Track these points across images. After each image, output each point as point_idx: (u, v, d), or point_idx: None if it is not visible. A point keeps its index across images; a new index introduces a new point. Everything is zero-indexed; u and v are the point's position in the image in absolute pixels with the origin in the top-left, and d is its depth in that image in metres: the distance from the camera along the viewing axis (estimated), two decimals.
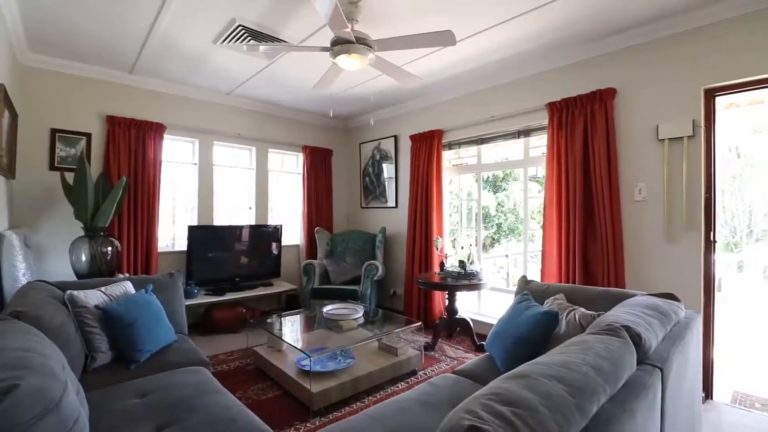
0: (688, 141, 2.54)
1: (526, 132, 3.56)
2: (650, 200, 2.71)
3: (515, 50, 3.11)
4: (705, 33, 2.50)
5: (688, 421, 1.72)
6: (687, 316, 1.92)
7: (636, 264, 2.76)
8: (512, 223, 8.21)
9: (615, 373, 1.15)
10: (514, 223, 8.12)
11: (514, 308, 2.12)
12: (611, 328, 1.40)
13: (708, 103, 2.54)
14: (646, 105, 2.73)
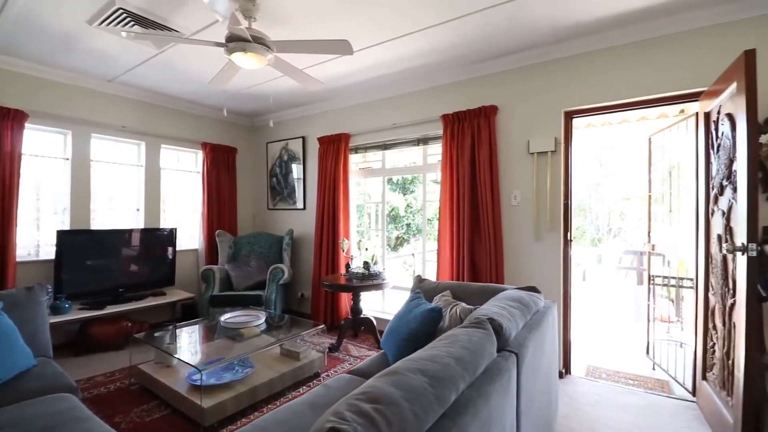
0: (552, 155, 2.98)
1: (425, 140, 3.82)
2: (523, 205, 3.11)
3: (413, 64, 3.31)
4: (566, 63, 2.95)
5: (545, 395, 2.03)
6: (545, 305, 2.26)
7: (513, 261, 3.15)
8: (420, 223, 8.70)
9: (475, 362, 1.32)
10: (421, 223, 8.63)
11: (406, 306, 2.27)
12: (477, 321, 1.60)
13: (567, 124, 3.01)
14: (521, 122, 3.14)
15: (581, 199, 11.49)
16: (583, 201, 11.51)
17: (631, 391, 2.78)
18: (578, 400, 2.64)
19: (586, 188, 11.21)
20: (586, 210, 11.49)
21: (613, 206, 10.29)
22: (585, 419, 2.40)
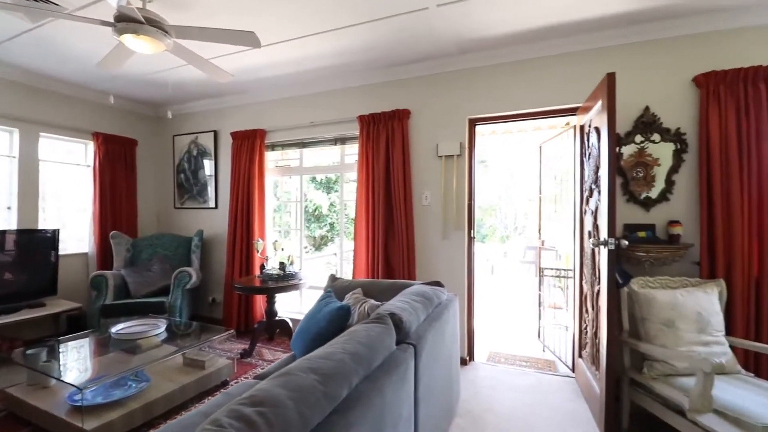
0: (457, 159, 3.20)
1: (343, 140, 3.83)
2: (433, 205, 3.29)
3: (329, 62, 3.30)
4: (470, 74, 3.18)
5: (446, 381, 2.17)
6: (448, 298, 2.42)
7: (424, 257, 3.31)
8: (345, 224, 8.72)
9: (370, 356, 1.37)
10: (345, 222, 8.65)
11: (317, 305, 2.25)
12: (378, 317, 1.65)
13: (471, 130, 3.25)
14: (430, 126, 3.31)
15: (493, 201, 12.51)
16: (494, 203, 12.53)
17: (524, 372, 3.10)
18: (479, 384, 2.87)
19: (497, 191, 12.23)
20: (496, 210, 12.54)
21: (518, 207, 11.36)
22: (483, 401, 2.61)
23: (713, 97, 2.42)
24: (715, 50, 2.50)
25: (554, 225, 3.87)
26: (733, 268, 2.33)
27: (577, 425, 2.31)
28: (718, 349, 2.07)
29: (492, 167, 12.09)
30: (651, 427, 2.24)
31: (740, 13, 2.43)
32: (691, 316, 2.12)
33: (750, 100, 2.34)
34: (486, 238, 12.33)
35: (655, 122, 2.59)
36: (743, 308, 2.31)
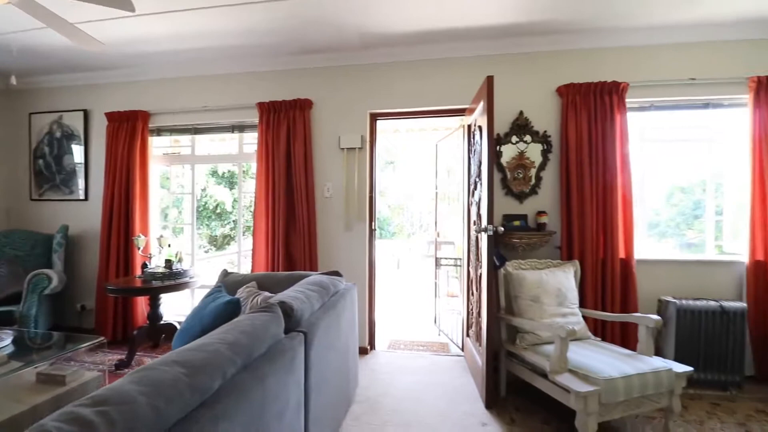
0: (359, 152, 3.24)
1: (241, 128, 3.61)
2: (335, 197, 3.29)
3: (226, 43, 3.08)
4: (373, 69, 3.25)
5: (342, 369, 2.18)
6: (346, 287, 2.44)
7: (326, 250, 3.29)
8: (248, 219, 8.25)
9: (252, 345, 1.30)
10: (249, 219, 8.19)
11: (202, 301, 2.08)
12: (266, 306, 1.58)
13: (372, 124, 3.32)
14: (333, 118, 3.30)
15: (401, 200, 13.02)
16: (402, 202, 13.06)
17: (420, 356, 3.28)
18: (378, 371, 2.95)
19: (405, 191, 12.76)
20: (404, 209, 13.09)
21: (423, 205, 12.01)
22: (381, 385, 2.69)
23: (571, 105, 2.84)
24: (574, 66, 2.94)
25: (451, 219, 4.17)
26: (585, 251, 2.77)
27: (463, 397, 2.52)
28: (573, 319, 2.43)
29: (400, 168, 12.57)
30: (524, 393, 2.54)
31: (594, 36, 2.89)
32: (552, 292, 2.46)
33: (598, 108, 2.80)
34: (394, 235, 12.79)
35: (528, 125, 2.95)
36: (593, 284, 2.76)
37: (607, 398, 1.85)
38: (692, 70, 2.81)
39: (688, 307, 2.57)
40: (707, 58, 2.81)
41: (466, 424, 2.22)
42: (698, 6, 2.52)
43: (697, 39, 2.81)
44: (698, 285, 2.80)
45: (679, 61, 2.84)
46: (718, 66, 2.79)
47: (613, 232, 2.75)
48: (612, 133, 2.78)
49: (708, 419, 2.26)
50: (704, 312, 2.54)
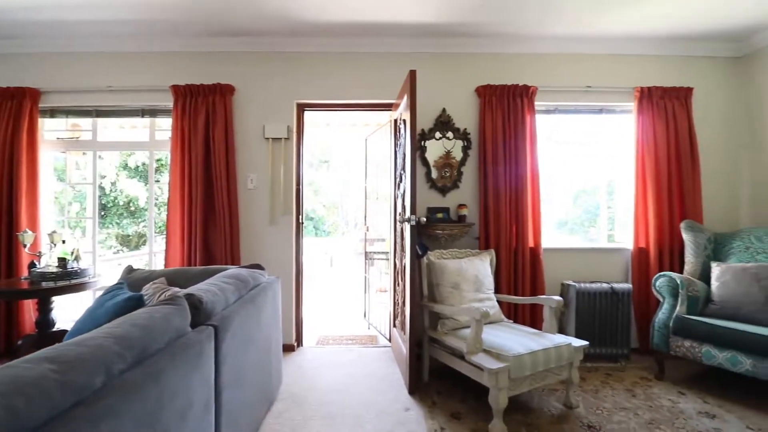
0: (285, 142, 3.14)
1: (152, 112, 3.30)
2: (259, 189, 3.15)
3: (132, 16, 2.79)
4: (300, 58, 3.16)
5: (262, 366, 2.08)
6: (268, 281, 2.34)
7: (250, 244, 3.14)
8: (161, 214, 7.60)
9: (147, 339, 1.18)
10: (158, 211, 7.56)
11: (97, 301, 1.86)
12: (169, 298, 1.46)
13: (299, 115, 3.23)
14: (257, 106, 3.16)
15: (335, 198, 12.94)
16: (337, 200, 12.98)
17: (349, 349, 3.27)
18: (305, 366, 2.88)
19: (340, 189, 12.70)
20: (338, 208, 13.02)
21: (358, 203, 12.06)
22: (307, 381, 2.63)
23: (488, 105, 3.03)
24: (491, 68, 3.14)
25: (381, 215, 4.21)
26: (500, 241, 2.97)
27: (389, 386, 2.56)
28: (489, 303, 2.59)
29: (335, 167, 12.49)
30: (446, 377, 2.65)
31: (510, 42, 3.11)
32: (471, 279, 2.60)
33: (511, 109, 3.03)
34: (329, 234, 12.67)
35: (450, 122, 3.09)
36: (507, 271, 2.97)
37: (516, 373, 2.00)
38: (589, 79, 3.15)
39: (585, 289, 2.88)
40: (601, 69, 3.18)
41: (391, 410, 2.26)
42: (596, 22, 2.83)
43: (594, 51, 3.16)
44: (594, 270, 3.15)
45: (579, 69, 3.17)
46: (609, 76, 3.17)
47: (523, 223, 2.98)
48: (523, 133, 3.01)
49: (602, 387, 2.54)
50: (598, 293, 2.87)
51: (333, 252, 9.18)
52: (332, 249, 9.42)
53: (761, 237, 2.67)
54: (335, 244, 9.98)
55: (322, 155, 12.53)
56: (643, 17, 2.77)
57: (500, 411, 1.99)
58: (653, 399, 2.38)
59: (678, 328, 2.48)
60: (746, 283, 2.44)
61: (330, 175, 12.83)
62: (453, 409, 2.26)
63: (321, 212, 12.97)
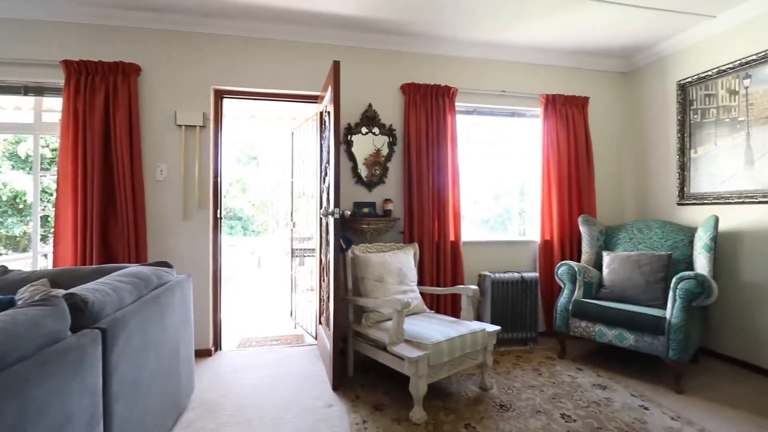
0: (201, 130, 2.91)
1: (38, 89, 2.85)
2: (170, 181, 2.88)
3: None
4: (217, 41, 2.95)
5: (168, 372, 1.89)
6: (177, 280, 2.14)
7: (159, 240, 2.86)
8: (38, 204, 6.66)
9: (5, 346, 1.00)
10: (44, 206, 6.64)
11: None
12: (43, 299, 1.26)
13: (217, 102, 3.02)
14: (168, 90, 2.89)
15: (265, 196, 12.42)
16: (266, 198, 12.47)
17: (273, 350, 3.13)
18: (222, 371, 2.70)
19: (270, 188, 12.23)
20: (268, 207, 12.52)
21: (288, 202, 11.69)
22: (223, 386, 2.46)
23: (412, 103, 3.11)
24: (416, 67, 3.23)
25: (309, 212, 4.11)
26: (424, 235, 3.07)
27: (313, 384, 2.49)
28: (412, 295, 2.65)
29: (264, 163, 11.99)
30: (370, 370, 2.66)
31: (434, 43, 3.22)
32: (395, 272, 2.64)
33: (434, 109, 3.14)
34: (258, 234, 12.13)
35: (376, 118, 3.11)
36: (430, 263, 3.07)
37: (435, 360, 2.07)
38: (504, 84, 3.39)
39: (500, 279, 3.09)
40: (514, 75, 3.43)
41: (313, 408, 2.20)
42: (509, 32, 3.05)
43: (508, 58, 3.41)
44: (508, 261, 3.40)
45: (496, 75, 3.39)
46: (521, 83, 3.44)
47: (445, 218, 3.11)
48: (445, 132, 3.14)
49: (513, 369, 2.74)
50: (510, 282, 3.10)
51: (262, 252, 8.81)
52: (261, 249, 9.04)
53: (642, 229, 3.08)
54: (264, 244, 9.59)
55: (250, 151, 11.96)
56: (546, 31, 3.04)
57: (420, 398, 2.04)
58: (556, 376, 2.62)
59: (576, 311, 2.76)
60: (630, 269, 2.80)
61: (259, 172, 12.29)
62: (376, 401, 2.27)
63: (250, 211, 12.37)
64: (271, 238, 11.24)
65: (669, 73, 3.27)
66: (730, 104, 2.80)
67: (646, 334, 2.43)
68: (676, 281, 2.39)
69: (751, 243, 2.68)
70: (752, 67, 2.66)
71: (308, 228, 4.41)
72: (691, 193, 3.07)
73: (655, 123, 3.42)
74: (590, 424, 2.03)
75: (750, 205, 2.68)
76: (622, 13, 2.77)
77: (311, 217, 3.96)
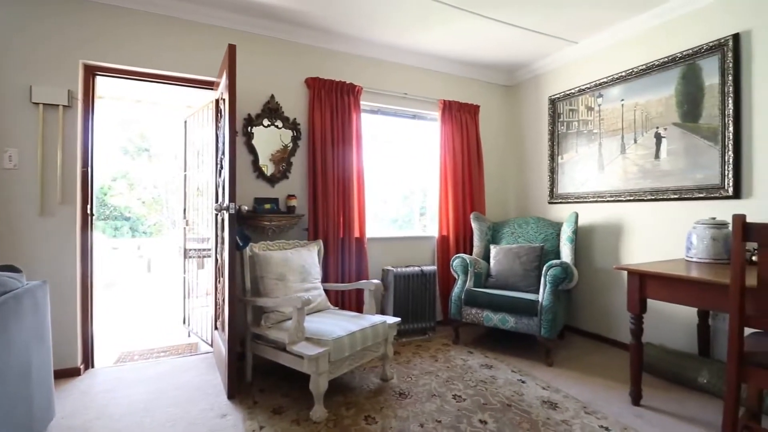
0: (65, 111, 2.48)
1: None
2: (24, 169, 2.40)
3: None
4: (86, 8, 2.54)
5: (13, 398, 1.57)
6: (28, 287, 1.79)
7: (7, 240, 2.36)
8: None
9: None
10: None
11: None
12: None
13: (88, 79, 2.61)
14: (20, 59, 2.40)
15: (159, 193, 11.15)
16: (160, 196, 11.21)
17: (160, 362, 2.81)
18: (93, 391, 2.33)
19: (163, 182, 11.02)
20: (162, 205, 11.27)
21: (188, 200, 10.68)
22: (94, 409, 2.13)
23: (317, 98, 3.08)
24: (321, 62, 3.20)
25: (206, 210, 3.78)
26: (329, 232, 3.05)
27: (204, 394, 2.30)
28: (315, 293, 2.62)
29: (157, 155, 10.77)
30: (271, 374, 2.55)
31: (340, 40, 3.21)
32: (297, 269, 2.57)
33: (339, 105, 3.15)
34: (151, 235, 10.85)
35: (279, 110, 3.01)
36: (335, 260, 3.07)
37: (336, 355, 2.07)
38: (406, 87, 3.55)
39: (402, 273, 3.22)
40: (416, 79, 3.62)
41: (204, 420, 2.03)
42: (408, 35, 3.19)
43: (411, 63, 3.58)
44: (410, 256, 3.57)
45: (399, 77, 3.54)
46: (421, 87, 3.64)
47: (350, 214, 3.14)
48: (350, 129, 3.17)
49: (413, 358, 2.88)
50: (411, 275, 3.26)
51: (154, 255, 7.90)
52: (153, 252, 8.10)
53: (521, 224, 3.49)
54: (158, 247, 8.61)
55: (140, 141, 10.66)
56: (441, 39, 3.25)
57: (321, 396, 2.02)
58: (450, 361, 2.82)
59: (468, 299, 3.02)
60: (511, 260, 3.16)
61: (152, 166, 11.01)
62: (275, 405, 2.19)
63: (140, 210, 11.02)
64: (166, 239, 10.13)
65: (543, 89, 3.77)
66: (588, 118, 3.33)
67: (523, 316, 2.76)
68: (546, 269, 2.77)
69: (602, 235, 3.22)
70: (604, 88, 3.20)
71: (209, 228, 4.06)
72: (559, 193, 3.59)
73: (532, 132, 3.91)
74: (477, 401, 2.23)
75: (601, 203, 3.23)
76: (504, 31, 3.10)
77: (211, 215, 3.66)
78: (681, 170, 2.69)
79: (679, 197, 2.68)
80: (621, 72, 3.03)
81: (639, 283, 2.14)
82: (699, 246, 2.24)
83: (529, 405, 2.19)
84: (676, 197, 2.69)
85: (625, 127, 3.04)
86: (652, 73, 2.84)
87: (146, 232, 10.88)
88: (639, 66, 2.91)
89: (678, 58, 2.67)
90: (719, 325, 2.49)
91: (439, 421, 2.02)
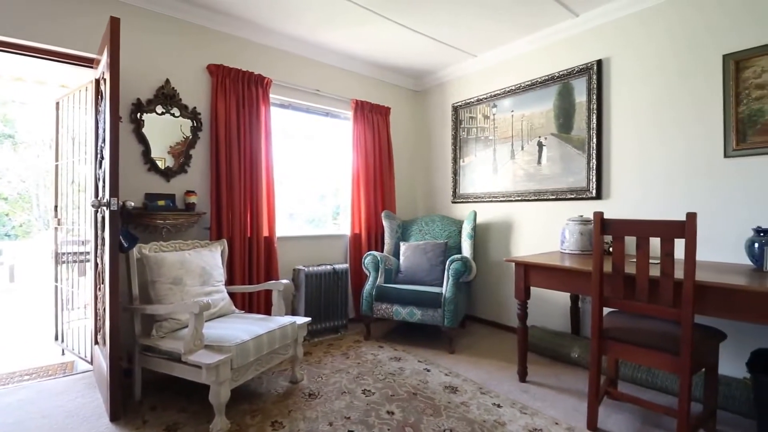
0: None
1: None
2: None
3: None
4: None
5: None
6: None
7: None
8: None
9: None
10: None
11: None
12: None
13: None
14: None
15: (27, 188, 9.42)
16: (29, 191, 9.47)
17: (21, 387, 2.36)
18: None
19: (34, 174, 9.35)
20: (33, 204, 9.52)
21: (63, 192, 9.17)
22: None
23: (221, 86, 2.87)
24: (226, 48, 2.99)
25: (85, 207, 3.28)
26: (234, 231, 2.88)
27: (81, 420, 1.99)
28: (218, 296, 2.44)
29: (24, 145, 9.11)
30: (164, 389, 2.32)
31: (247, 27, 3.03)
32: (196, 272, 2.37)
33: (246, 96, 2.98)
34: (18, 237, 9.11)
35: (176, 96, 2.74)
36: (241, 261, 2.90)
37: (240, 361, 1.95)
38: (319, 83, 3.51)
39: (313, 272, 3.18)
40: (329, 77, 3.60)
41: None
42: (320, 32, 3.15)
43: (324, 60, 3.54)
44: (322, 254, 3.54)
45: (312, 72, 3.48)
46: (334, 84, 3.63)
47: (258, 212, 3.00)
48: (258, 123, 3.03)
49: (324, 357, 2.86)
50: (323, 274, 3.23)
51: (20, 261, 6.65)
52: (20, 257, 6.80)
53: (428, 222, 3.70)
54: (26, 251, 7.22)
55: (2, 126, 8.94)
56: (353, 38, 3.28)
57: (222, 406, 1.89)
58: (361, 356, 2.87)
59: (378, 295, 3.10)
60: (419, 256, 3.32)
61: (17, 156, 9.29)
62: (169, 422, 1.99)
63: (1, 207, 9.25)
64: (36, 243, 8.54)
65: (447, 96, 4.04)
66: (484, 126, 3.66)
67: (429, 309, 2.93)
68: (449, 263, 2.97)
69: (495, 232, 3.57)
70: (498, 99, 3.54)
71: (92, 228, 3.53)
72: (461, 194, 3.88)
73: (438, 135, 4.16)
74: (386, 393, 2.31)
75: (495, 203, 3.57)
76: (413, 38, 3.24)
77: (85, 208, 3.17)
78: (557, 174, 3.10)
79: (556, 198, 3.09)
80: (511, 86, 3.39)
81: (524, 272, 2.41)
82: (570, 240, 2.61)
83: (433, 392, 2.33)
84: (553, 198, 3.10)
85: (514, 135, 3.41)
86: (536, 89, 3.23)
87: (10, 234, 9.13)
88: (526, 81, 3.28)
89: (556, 77, 3.08)
90: (586, 307, 2.93)
91: (348, 417, 2.04)
